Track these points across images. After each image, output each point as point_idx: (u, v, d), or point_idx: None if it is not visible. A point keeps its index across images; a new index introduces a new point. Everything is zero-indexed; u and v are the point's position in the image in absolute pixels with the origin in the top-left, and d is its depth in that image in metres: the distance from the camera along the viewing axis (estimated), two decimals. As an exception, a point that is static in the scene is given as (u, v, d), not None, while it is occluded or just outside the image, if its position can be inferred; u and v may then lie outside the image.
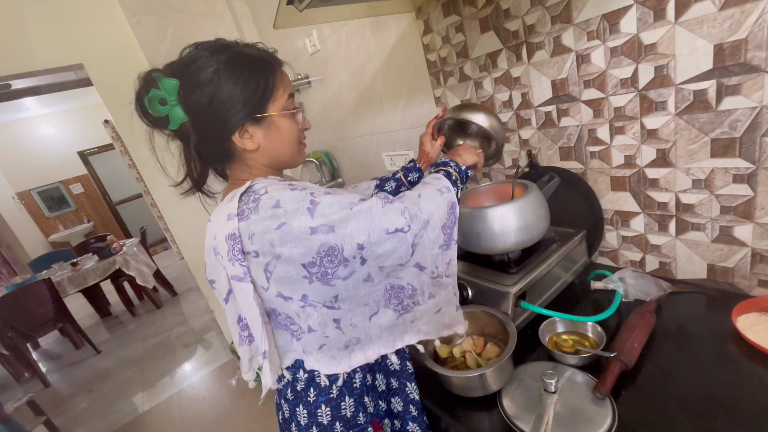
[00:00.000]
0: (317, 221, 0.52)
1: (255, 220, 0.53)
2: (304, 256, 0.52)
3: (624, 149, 0.81)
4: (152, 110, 0.56)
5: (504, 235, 0.78)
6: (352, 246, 0.52)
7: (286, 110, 0.62)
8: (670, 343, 0.68)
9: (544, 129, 0.95)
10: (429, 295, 0.63)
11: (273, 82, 0.59)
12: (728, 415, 0.53)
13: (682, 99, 0.69)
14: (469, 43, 1.01)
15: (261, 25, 2.02)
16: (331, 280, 0.55)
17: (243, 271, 0.55)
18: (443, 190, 0.61)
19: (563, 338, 0.75)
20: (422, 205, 0.57)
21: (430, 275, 0.60)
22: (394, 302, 0.61)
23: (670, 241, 0.81)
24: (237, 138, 0.59)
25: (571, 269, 0.90)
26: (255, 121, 0.59)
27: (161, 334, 3.28)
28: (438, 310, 0.65)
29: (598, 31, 0.75)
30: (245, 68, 0.57)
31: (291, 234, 0.52)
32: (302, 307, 0.58)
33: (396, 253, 0.54)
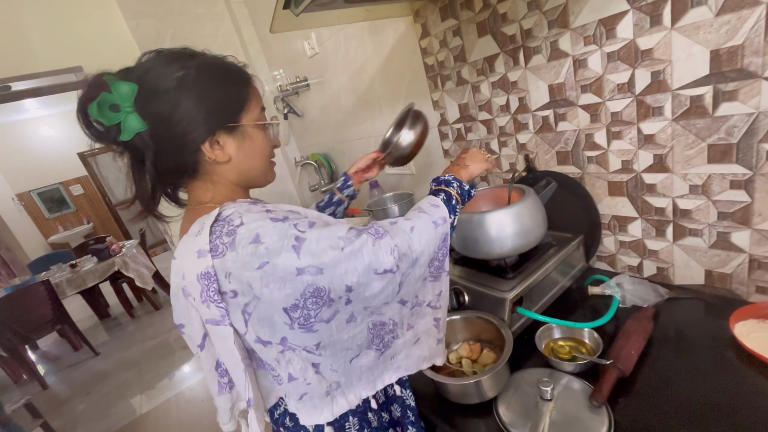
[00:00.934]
0: (304, 261, 0.47)
1: (231, 258, 0.47)
2: (288, 298, 0.48)
3: (621, 154, 0.81)
4: (100, 118, 0.48)
5: (501, 240, 0.77)
6: (341, 288, 0.49)
7: (258, 121, 0.58)
8: (667, 350, 0.67)
9: (542, 133, 0.94)
10: (407, 326, 0.62)
11: (246, 93, 0.57)
12: (725, 422, 0.52)
13: (679, 104, 0.69)
14: (467, 47, 1.01)
15: (260, 27, 2.02)
16: (314, 324, 0.51)
17: (221, 314, 0.49)
18: (438, 222, 0.58)
19: (560, 344, 0.74)
20: (413, 242, 0.54)
21: (410, 308, 0.60)
22: (377, 342, 0.59)
23: (668, 247, 0.81)
24: (207, 148, 0.53)
25: (569, 274, 0.89)
26: (228, 130, 0.54)
27: (160, 336, 3.28)
28: (416, 340, 0.64)
29: (595, 36, 0.75)
30: (219, 76, 0.54)
31: (274, 274, 0.47)
32: (281, 352, 0.54)
33: (383, 293, 0.53)
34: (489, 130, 1.07)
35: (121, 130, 0.49)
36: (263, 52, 2.10)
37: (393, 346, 0.61)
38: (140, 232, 4.01)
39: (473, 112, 1.09)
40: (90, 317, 4.03)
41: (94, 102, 0.48)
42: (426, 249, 0.56)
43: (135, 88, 0.48)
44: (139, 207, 0.57)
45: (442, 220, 0.59)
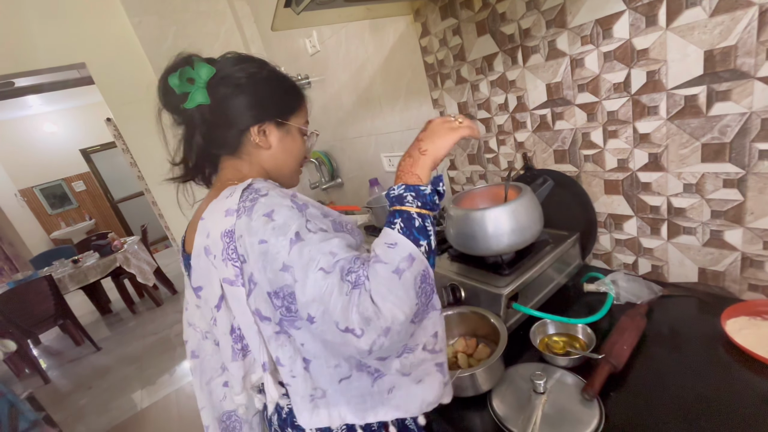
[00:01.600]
0: (290, 260, 0.47)
1: (245, 222, 0.50)
2: (270, 284, 0.50)
3: (617, 153, 0.82)
4: (175, 85, 0.56)
5: (497, 237, 0.78)
6: (304, 311, 0.48)
7: (305, 127, 0.68)
8: (660, 346, 0.69)
9: (539, 132, 0.95)
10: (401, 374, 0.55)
11: (299, 103, 0.66)
12: (715, 416, 0.54)
13: (674, 104, 0.70)
14: (466, 46, 1.02)
15: (261, 25, 2.03)
16: (296, 321, 0.51)
17: (235, 273, 0.51)
18: (402, 268, 0.48)
19: (554, 340, 0.75)
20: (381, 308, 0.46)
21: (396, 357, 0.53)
22: (368, 367, 0.55)
23: (663, 245, 0.82)
24: (254, 131, 0.61)
25: (565, 271, 0.90)
26: (276, 124, 0.63)
27: (161, 331, 3.30)
28: (419, 381, 0.56)
29: (592, 36, 0.76)
30: (282, 82, 0.64)
31: (267, 254, 0.49)
32: (277, 333, 0.54)
33: (347, 350, 0.49)
34: (488, 129, 1.08)
35: (188, 99, 0.57)
36: (265, 50, 2.11)
37: (390, 375, 0.55)
38: (142, 229, 4.03)
39: (472, 110, 1.10)
40: (92, 313, 4.05)
41: (176, 72, 0.56)
42: (400, 315, 0.47)
43: (213, 71, 0.58)
44: (180, 171, 0.66)
45: (408, 261, 0.48)
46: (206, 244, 0.53)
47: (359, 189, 1.87)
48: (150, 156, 2.03)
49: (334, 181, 2.00)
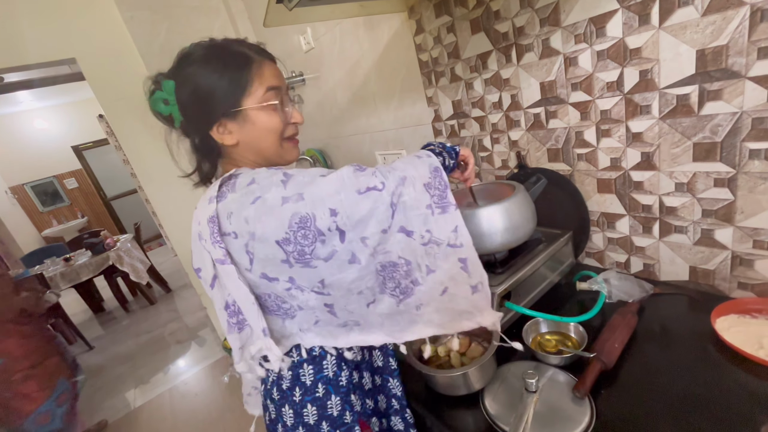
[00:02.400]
0: (289, 191, 0.51)
1: (232, 198, 0.54)
2: (277, 230, 0.50)
3: (610, 152, 0.82)
4: (158, 111, 0.59)
5: (491, 235, 0.78)
6: (324, 212, 0.49)
7: (262, 103, 0.60)
8: (650, 344, 0.69)
9: (533, 130, 0.95)
10: (427, 269, 0.56)
11: (247, 76, 0.59)
12: (705, 413, 0.54)
13: (666, 103, 0.70)
14: (460, 43, 1.02)
15: (256, 21, 2.01)
16: (311, 260, 0.52)
17: (222, 253, 0.54)
18: (421, 155, 0.59)
19: (546, 338, 0.76)
20: (395, 165, 0.55)
21: (420, 241, 0.55)
22: (390, 285, 0.56)
23: (654, 243, 0.82)
24: (216, 133, 0.60)
25: (558, 270, 0.91)
26: (230, 115, 0.59)
27: (154, 330, 3.28)
28: (444, 290, 0.58)
29: (585, 35, 0.76)
30: (218, 64, 0.58)
31: (264, 206, 0.51)
32: (288, 289, 0.56)
33: (375, 216, 0.51)
34: (482, 127, 1.08)
35: (173, 119, 0.60)
36: (259, 47, 2.09)
37: (415, 294, 0.58)
38: (135, 227, 4.00)
39: (466, 108, 1.10)
40: (84, 311, 4.02)
41: (151, 99, 0.59)
42: (413, 171, 0.55)
43: (173, 84, 0.57)
44: (197, 178, 0.67)
45: (426, 155, 0.59)
46: (199, 231, 0.57)
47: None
48: (142, 153, 2.01)
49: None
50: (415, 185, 0.53)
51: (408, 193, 0.53)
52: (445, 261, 0.57)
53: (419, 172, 0.55)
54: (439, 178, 0.56)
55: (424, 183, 0.55)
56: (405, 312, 0.59)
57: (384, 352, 0.73)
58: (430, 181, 0.55)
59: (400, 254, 0.55)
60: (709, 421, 0.53)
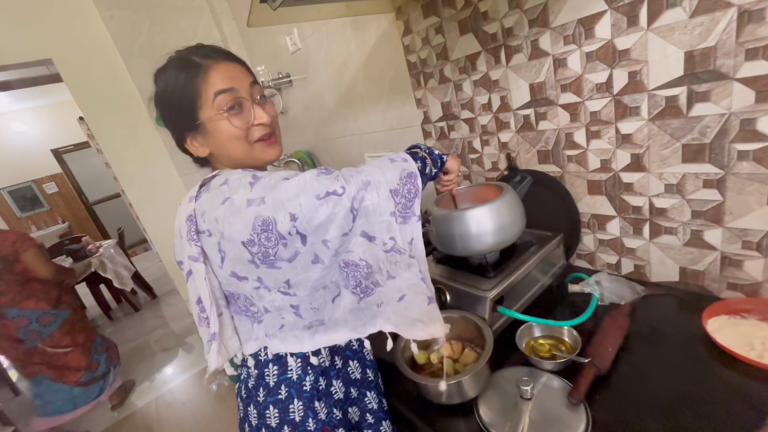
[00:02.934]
0: (254, 193, 0.51)
1: (205, 198, 0.55)
2: (243, 232, 0.50)
3: (600, 153, 0.82)
4: None
5: (480, 236, 0.77)
6: (285, 217, 0.48)
7: (217, 112, 0.57)
8: (643, 346, 0.69)
9: (523, 132, 0.95)
10: (387, 274, 0.57)
11: (194, 86, 0.57)
12: (698, 414, 0.54)
13: (655, 105, 0.70)
14: (449, 44, 1.01)
15: (241, 21, 1.97)
16: (275, 262, 0.52)
17: (197, 251, 0.56)
18: (396, 159, 0.56)
19: (540, 342, 0.75)
20: (361, 169, 0.53)
21: (382, 248, 0.54)
22: (352, 283, 0.57)
23: (644, 245, 0.82)
24: (190, 147, 0.63)
25: (549, 272, 0.90)
26: (193, 130, 0.61)
27: (140, 338, 3.19)
28: (401, 297, 0.59)
29: (574, 36, 0.76)
30: (171, 79, 0.58)
31: (232, 207, 0.51)
32: (256, 288, 0.57)
33: (335, 221, 0.50)
34: (471, 129, 1.07)
35: None
36: (245, 48, 2.05)
37: (375, 294, 0.58)
38: (118, 232, 3.89)
39: (456, 110, 1.09)
40: (66, 320, 3.88)
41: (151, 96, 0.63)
42: (380, 175, 0.52)
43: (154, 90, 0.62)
44: None
45: (402, 159, 0.57)
46: (179, 227, 0.59)
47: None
48: (124, 156, 1.95)
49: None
50: (379, 191, 0.52)
51: (370, 198, 0.51)
52: (407, 270, 0.57)
53: (387, 177, 0.53)
54: (410, 185, 0.54)
55: (391, 189, 0.53)
56: (366, 308, 0.60)
57: (362, 364, 0.71)
58: (397, 188, 0.53)
59: (361, 256, 0.55)
60: (704, 422, 0.53)
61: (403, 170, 0.55)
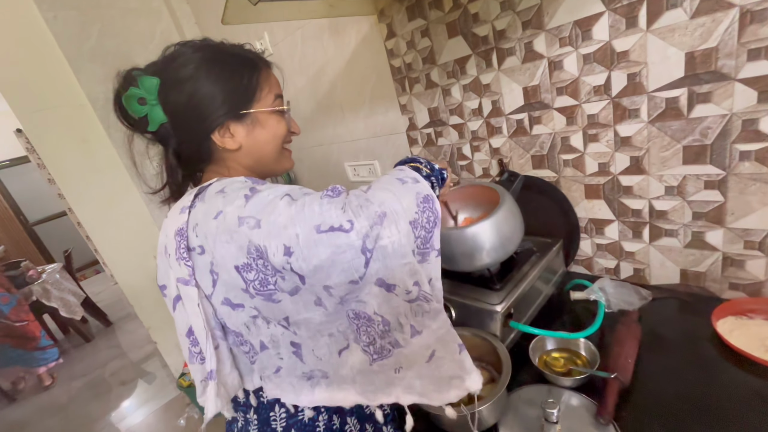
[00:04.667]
0: (247, 210, 0.43)
1: (201, 208, 0.48)
2: (237, 255, 0.43)
3: (598, 157, 0.80)
4: (130, 110, 0.52)
5: (483, 251, 0.73)
6: (278, 248, 0.39)
7: (272, 108, 0.57)
8: (657, 353, 0.67)
9: (516, 137, 0.92)
10: (412, 330, 0.47)
11: (257, 80, 0.56)
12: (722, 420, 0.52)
13: (655, 106, 0.69)
14: (436, 48, 0.97)
15: (205, 26, 1.85)
16: (274, 293, 0.43)
17: (188, 272, 0.48)
18: (405, 180, 0.47)
19: (554, 356, 0.71)
20: (372, 195, 0.43)
21: (405, 297, 0.45)
22: (364, 340, 0.47)
23: (644, 248, 0.81)
24: (217, 137, 0.54)
25: (552, 280, 0.87)
26: (237, 118, 0.55)
27: (92, 372, 2.87)
28: (431, 355, 0.48)
29: (571, 38, 0.74)
30: (227, 65, 0.54)
31: (224, 224, 0.44)
32: (254, 318, 0.48)
33: (338, 265, 0.39)
34: (461, 135, 1.04)
35: (149, 121, 0.53)
36: (209, 53, 1.93)
37: (393, 357, 0.48)
38: (65, 254, 3.53)
39: (444, 116, 1.05)
40: (2, 357, 3.44)
41: (124, 95, 0.51)
42: (395, 204, 0.42)
43: (158, 82, 0.51)
44: (168, 193, 0.60)
45: (412, 180, 0.48)
46: (165, 244, 0.51)
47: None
48: (71, 171, 1.74)
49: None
50: (398, 224, 0.42)
51: (389, 235, 0.41)
52: (435, 320, 0.47)
53: (404, 205, 0.43)
54: (428, 212, 0.45)
55: (410, 221, 0.43)
56: (380, 373, 0.49)
57: None
58: (416, 218, 0.44)
59: (376, 310, 0.45)
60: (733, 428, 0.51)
61: (418, 194, 0.46)
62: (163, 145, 0.57)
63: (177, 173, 0.58)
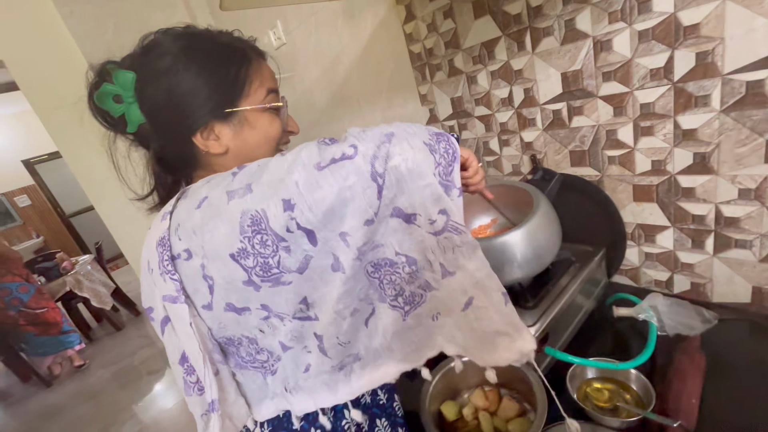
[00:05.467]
0: (236, 182, 0.38)
1: (183, 206, 0.42)
2: (229, 240, 0.37)
3: (651, 153, 0.68)
4: (106, 108, 0.46)
5: (514, 264, 0.63)
6: (276, 206, 0.34)
7: (263, 105, 0.50)
8: (723, 389, 0.56)
9: (552, 130, 0.81)
10: (442, 270, 0.40)
11: (246, 73, 0.48)
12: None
13: (731, 92, 0.56)
14: (460, 30, 0.87)
15: (219, 17, 1.80)
16: (281, 275, 0.37)
17: (175, 288, 0.41)
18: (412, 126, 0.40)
19: (596, 387, 0.61)
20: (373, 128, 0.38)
21: (429, 228, 0.38)
22: (390, 293, 0.40)
23: (707, 260, 0.69)
24: (199, 139, 0.48)
25: (593, 294, 0.77)
26: (222, 117, 0.47)
27: (123, 360, 2.97)
28: (468, 302, 0.41)
29: (623, 12, 0.62)
30: (210, 56, 0.47)
31: (210, 208, 0.38)
32: (265, 319, 0.42)
33: (351, 203, 0.34)
34: (488, 128, 0.93)
35: (126, 121, 0.46)
36: (224, 45, 1.88)
37: (427, 302, 0.42)
38: (96, 246, 3.66)
39: (468, 106, 0.95)
40: (42, 342, 3.63)
41: (97, 92, 0.45)
42: (403, 128, 0.37)
43: (134, 76, 0.45)
44: (156, 200, 0.53)
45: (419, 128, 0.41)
46: (148, 258, 0.45)
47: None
48: (91, 167, 1.76)
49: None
50: (410, 141, 0.36)
51: (400, 152, 0.35)
52: (471, 257, 0.39)
53: (414, 129, 0.38)
54: (444, 142, 0.39)
55: (424, 141, 0.37)
56: (416, 326, 0.44)
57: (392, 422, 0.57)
58: (431, 143, 0.38)
59: (398, 249, 0.38)
60: None
61: (428, 129, 0.40)
62: (144, 147, 0.51)
63: (164, 177, 0.52)
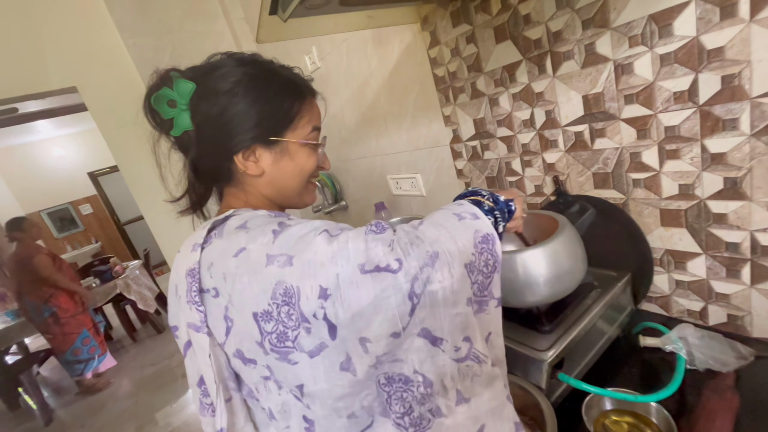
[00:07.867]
0: (277, 248, 0.39)
1: (217, 245, 0.44)
2: (258, 299, 0.38)
3: (678, 177, 0.66)
4: (158, 109, 0.49)
5: (532, 286, 0.63)
6: (312, 290, 0.36)
7: (308, 140, 0.53)
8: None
9: (574, 152, 0.80)
10: (458, 397, 0.40)
11: (298, 109, 0.52)
12: None
13: (761, 116, 0.54)
14: (482, 54, 0.89)
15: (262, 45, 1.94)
16: (291, 352, 0.38)
17: (200, 318, 0.44)
18: (463, 216, 0.44)
19: (614, 420, 0.58)
20: (423, 231, 0.40)
21: (453, 355, 0.39)
22: (397, 410, 0.39)
23: (744, 291, 0.65)
24: (240, 159, 0.50)
25: (616, 321, 0.74)
26: (266, 143, 0.51)
27: (161, 362, 3.14)
28: (480, 429, 0.41)
29: (644, 36, 0.62)
30: (270, 86, 0.51)
31: (247, 262, 0.40)
32: (265, 378, 0.43)
33: (382, 312, 0.35)
34: (510, 148, 0.94)
35: (173, 125, 0.49)
36: (265, 69, 2.02)
37: (433, 429, 0.40)
38: (144, 252, 3.94)
39: (491, 127, 0.96)
40: (92, 340, 3.92)
41: (155, 94, 0.48)
42: (449, 243, 0.39)
43: (193, 87, 0.48)
44: (187, 203, 0.56)
45: (471, 215, 0.44)
46: (176, 282, 0.48)
47: (364, 212, 1.73)
48: (142, 181, 1.94)
49: (338, 203, 1.87)
50: (452, 267, 0.38)
51: (440, 279, 0.37)
52: (488, 387, 0.41)
53: (459, 245, 0.39)
54: (487, 253, 0.41)
55: (466, 263, 0.39)
56: None
57: None
58: (473, 260, 0.40)
59: (417, 368, 0.38)
60: None
61: (477, 232, 0.41)
62: (182, 153, 0.54)
63: (196, 185, 0.55)
